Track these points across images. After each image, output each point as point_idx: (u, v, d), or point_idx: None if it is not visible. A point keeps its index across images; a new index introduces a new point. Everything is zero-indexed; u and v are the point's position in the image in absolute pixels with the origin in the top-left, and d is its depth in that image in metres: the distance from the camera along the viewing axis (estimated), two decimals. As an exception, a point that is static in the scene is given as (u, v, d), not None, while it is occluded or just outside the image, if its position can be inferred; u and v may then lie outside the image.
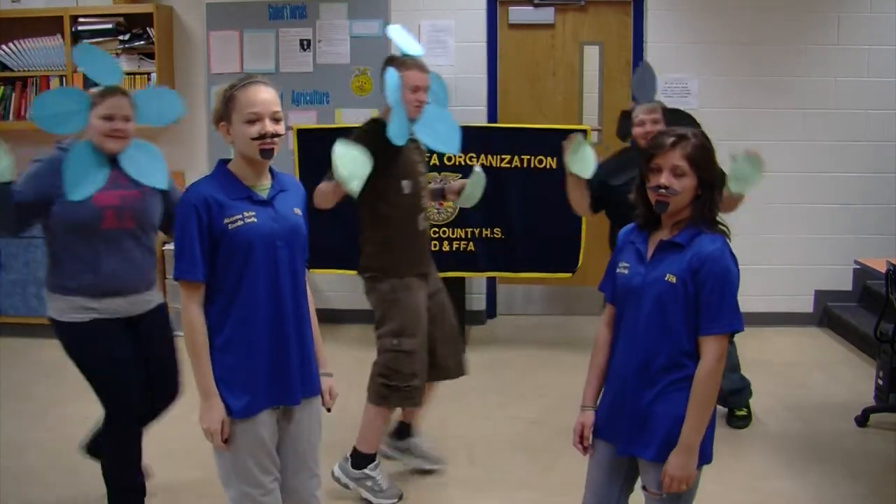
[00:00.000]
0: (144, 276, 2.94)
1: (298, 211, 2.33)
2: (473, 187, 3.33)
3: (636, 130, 3.69)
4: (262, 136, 2.17)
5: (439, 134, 3.24)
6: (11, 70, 5.57)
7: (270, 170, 2.31)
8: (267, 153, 2.20)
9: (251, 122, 2.17)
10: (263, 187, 2.27)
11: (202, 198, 2.17)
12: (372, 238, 3.26)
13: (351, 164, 2.82)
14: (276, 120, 2.21)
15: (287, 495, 2.34)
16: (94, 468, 3.58)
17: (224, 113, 2.22)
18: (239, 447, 2.21)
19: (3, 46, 5.53)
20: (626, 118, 3.89)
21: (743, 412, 4.02)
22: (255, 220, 2.20)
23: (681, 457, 2.11)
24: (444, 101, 3.38)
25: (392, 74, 3.06)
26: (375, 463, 3.29)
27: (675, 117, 3.65)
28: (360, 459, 3.26)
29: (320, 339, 2.44)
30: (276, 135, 2.20)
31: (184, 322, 2.18)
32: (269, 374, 2.23)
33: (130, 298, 2.89)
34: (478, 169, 3.34)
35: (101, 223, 2.79)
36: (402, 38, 3.28)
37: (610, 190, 3.60)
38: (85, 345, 2.84)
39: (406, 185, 3.20)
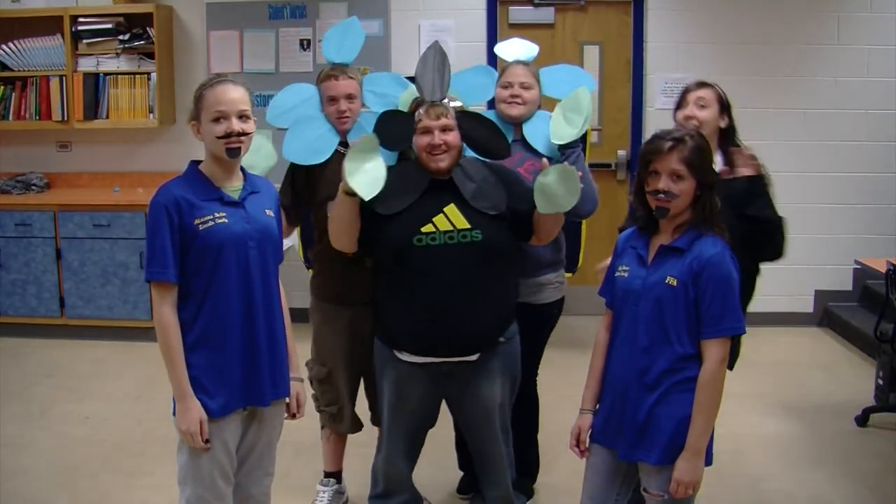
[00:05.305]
0: None
1: (270, 212, 2.32)
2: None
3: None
4: (228, 135, 2.17)
5: None
6: (11, 70, 5.56)
7: (242, 171, 2.31)
8: (233, 152, 2.19)
9: (217, 120, 2.17)
10: (235, 188, 2.26)
11: (173, 198, 2.16)
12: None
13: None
14: (244, 118, 2.20)
15: (238, 492, 2.31)
16: (92, 468, 3.59)
17: (194, 112, 2.23)
18: (202, 449, 2.19)
19: (3, 46, 5.52)
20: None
21: None
22: (226, 220, 2.19)
23: (689, 461, 2.11)
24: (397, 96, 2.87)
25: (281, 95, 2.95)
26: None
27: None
28: None
29: (293, 343, 2.42)
30: (244, 133, 2.19)
31: (157, 324, 2.16)
32: (240, 375, 2.22)
33: None
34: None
35: None
36: (335, 39, 3.09)
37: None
38: None
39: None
